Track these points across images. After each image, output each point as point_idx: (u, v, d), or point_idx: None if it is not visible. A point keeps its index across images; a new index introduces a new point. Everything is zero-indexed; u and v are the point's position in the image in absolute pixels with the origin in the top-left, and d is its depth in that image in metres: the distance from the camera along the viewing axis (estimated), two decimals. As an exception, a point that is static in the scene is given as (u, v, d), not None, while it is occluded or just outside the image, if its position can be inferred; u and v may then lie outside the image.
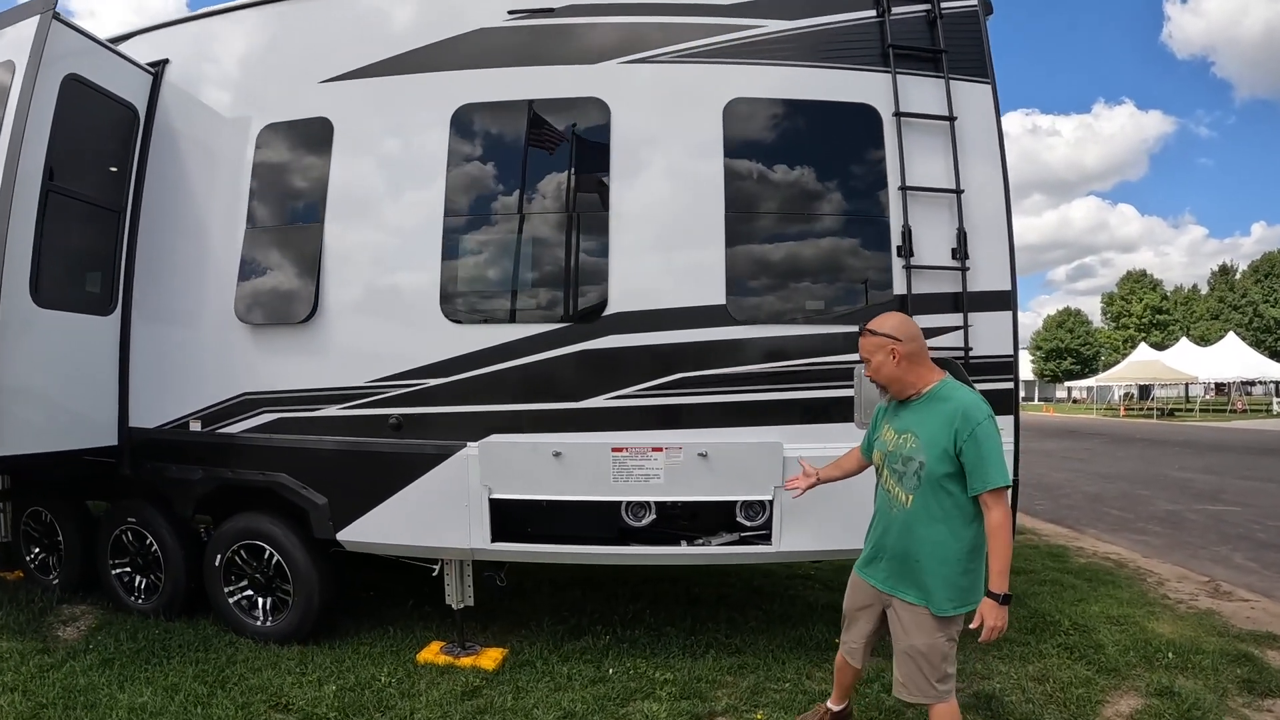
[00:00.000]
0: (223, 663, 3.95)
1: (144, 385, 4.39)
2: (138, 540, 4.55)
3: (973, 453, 2.39)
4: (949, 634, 2.52)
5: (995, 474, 2.38)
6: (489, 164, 3.93)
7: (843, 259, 3.79)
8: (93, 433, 4.33)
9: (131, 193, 4.47)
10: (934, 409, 2.52)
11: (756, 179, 3.78)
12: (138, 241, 4.44)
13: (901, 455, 2.56)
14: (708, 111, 3.77)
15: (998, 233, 3.84)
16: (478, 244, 3.88)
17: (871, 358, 2.61)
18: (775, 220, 3.77)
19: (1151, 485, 11.64)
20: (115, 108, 4.37)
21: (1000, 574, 2.40)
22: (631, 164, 3.77)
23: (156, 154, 4.47)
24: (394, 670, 3.88)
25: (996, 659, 4.14)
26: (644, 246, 3.73)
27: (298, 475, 4.02)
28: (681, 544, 3.75)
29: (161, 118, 4.52)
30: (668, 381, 3.62)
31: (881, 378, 2.62)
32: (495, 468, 3.68)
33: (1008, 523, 2.40)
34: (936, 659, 2.51)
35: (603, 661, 3.96)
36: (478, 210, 3.89)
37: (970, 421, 2.41)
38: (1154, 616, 4.91)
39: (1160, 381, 37.87)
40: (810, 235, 3.79)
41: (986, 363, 3.75)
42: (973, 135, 3.85)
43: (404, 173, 4.03)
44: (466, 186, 3.90)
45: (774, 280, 3.75)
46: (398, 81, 4.07)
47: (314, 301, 3.99)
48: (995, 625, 2.38)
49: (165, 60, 4.55)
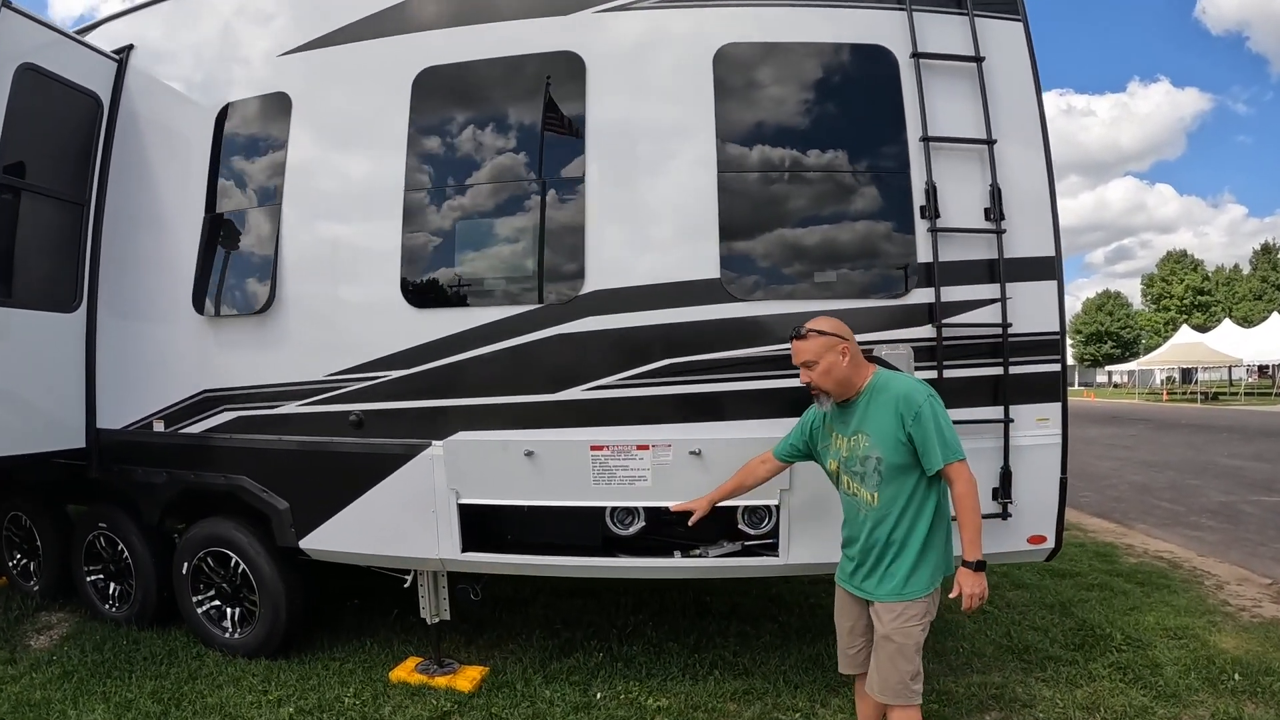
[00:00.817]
0: (184, 678, 3.58)
1: (110, 384, 4.01)
2: (110, 546, 4.20)
3: (920, 433, 2.35)
4: (924, 620, 2.42)
5: (946, 449, 2.34)
6: (453, 132, 3.40)
7: (857, 223, 3.16)
8: (60, 435, 3.97)
9: (96, 184, 4.10)
10: (876, 402, 2.45)
11: (754, 136, 3.18)
12: (103, 234, 4.05)
13: (858, 457, 2.47)
14: (696, 61, 3.18)
15: (1037, 190, 3.18)
16: (441, 220, 3.36)
17: (821, 359, 2.47)
18: (776, 182, 3.16)
19: (1202, 474, 10.63)
20: (77, 97, 4.00)
21: (972, 542, 2.36)
22: (610, 124, 3.20)
23: (121, 143, 4.08)
24: (361, 690, 3.43)
25: (1040, 682, 3.50)
26: (626, 215, 3.16)
27: (259, 478, 3.58)
28: (675, 554, 3.19)
29: (126, 105, 4.12)
30: (654, 369, 3.06)
31: (832, 380, 2.48)
32: (462, 469, 3.18)
33: (971, 491, 2.35)
34: (911, 650, 2.39)
35: (591, 684, 3.44)
36: (441, 183, 3.37)
37: (912, 404, 2.37)
38: (1215, 628, 4.21)
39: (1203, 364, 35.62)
40: (818, 197, 3.17)
41: (1029, 341, 3.10)
42: (1004, 78, 3.19)
43: (363, 146, 3.54)
44: (429, 158, 3.39)
45: (777, 250, 3.14)
46: (357, 49, 3.57)
47: (271, 290, 3.54)
48: (973, 593, 2.36)
49: (130, 46, 4.15)
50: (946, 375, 3.03)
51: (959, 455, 2.35)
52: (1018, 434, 3.09)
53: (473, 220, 3.34)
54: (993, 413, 3.09)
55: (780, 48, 3.20)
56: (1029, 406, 3.13)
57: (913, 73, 3.14)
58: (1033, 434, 3.13)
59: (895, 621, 2.39)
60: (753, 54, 3.19)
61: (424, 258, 3.34)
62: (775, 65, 3.20)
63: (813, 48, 3.19)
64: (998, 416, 3.08)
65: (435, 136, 3.41)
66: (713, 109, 3.13)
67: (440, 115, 3.41)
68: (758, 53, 3.20)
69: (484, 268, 3.34)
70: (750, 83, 3.19)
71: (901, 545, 2.41)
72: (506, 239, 3.33)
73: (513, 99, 3.35)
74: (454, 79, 3.40)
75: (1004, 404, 3.08)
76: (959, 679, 3.52)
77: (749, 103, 3.18)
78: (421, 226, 3.35)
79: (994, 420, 3.07)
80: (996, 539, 3.12)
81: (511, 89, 3.35)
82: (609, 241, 3.13)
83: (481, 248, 3.34)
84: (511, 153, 3.33)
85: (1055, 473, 3.14)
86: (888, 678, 2.39)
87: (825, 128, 3.19)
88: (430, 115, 3.40)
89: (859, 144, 3.19)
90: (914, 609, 2.39)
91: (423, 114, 3.39)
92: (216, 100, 3.86)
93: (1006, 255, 3.09)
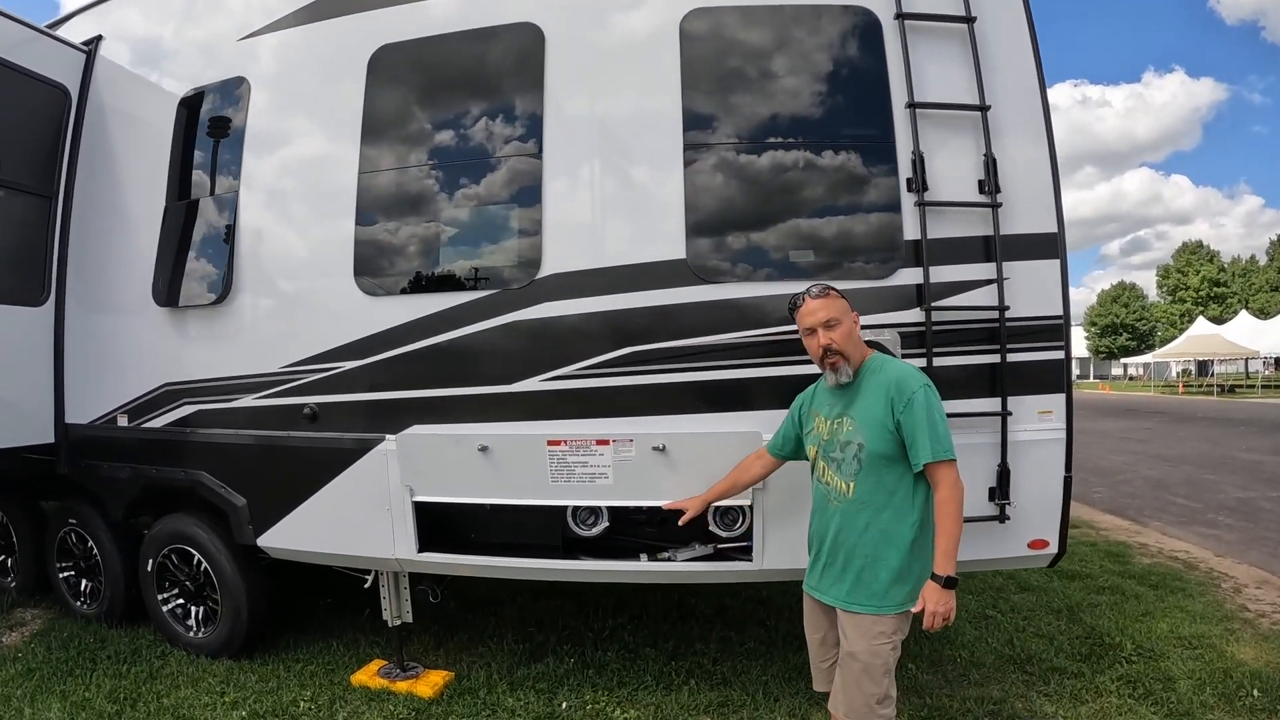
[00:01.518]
0: (144, 678, 3.37)
1: (78, 378, 3.81)
2: (81, 543, 4.01)
3: (910, 423, 2.07)
4: (894, 638, 2.12)
5: (937, 445, 2.06)
6: (408, 112, 3.11)
7: (837, 197, 2.81)
8: (28, 430, 3.78)
9: (64, 176, 3.91)
10: (867, 385, 2.17)
11: (724, 105, 2.84)
12: (71, 227, 3.86)
13: (838, 442, 2.18)
14: (661, 27, 2.86)
15: (1037, 161, 2.81)
16: (395, 203, 3.07)
17: (842, 320, 2.18)
18: (748, 152, 2.81)
19: (1219, 469, 10.04)
20: (44, 89, 3.81)
21: (945, 554, 2.06)
22: (569, 94, 2.90)
23: (89, 135, 3.88)
24: (319, 694, 3.18)
25: (1043, 696, 3.14)
26: (584, 192, 2.86)
27: (218, 473, 3.35)
28: (641, 557, 2.89)
29: (94, 97, 3.92)
30: (614, 357, 2.75)
31: (851, 344, 2.20)
32: (416, 465, 2.90)
33: (955, 497, 2.06)
34: (878, 671, 2.09)
35: (558, 692, 3.16)
36: (396, 164, 3.08)
37: (905, 390, 2.09)
38: (1233, 636, 3.81)
39: (1219, 357, 34.29)
40: (794, 171, 2.82)
41: (1029, 326, 2.74)
42: (998, 40, 2.82)
43: (319, 129, 3.29)
44: (384, 139, 3.10)
45: (748, 226, 2.81)
46: (313, 30, 3.31)
47: (228, 280, 3.29)
48: (937, 611, 2.04)
49: (99, 37, 3.95)
50: (937, 363, 2.68)
51: (949, 455, 2.07)
52: (1017, 428, 2.73)
53: (428, 203, 3.05)
54: (989, 405, 2.73)
55: (753, 11, 2.86)
56: (1029, 398, 2.76)
57: (897, 35, 2.79)
58: (1034, 428, 2.76)
59: (863, 639, 2.11)
60: (723, 18, 2.86)
61: (378, 243, 3.06)
62: (747, 29, 2.86)
63: (788, 10, 2.84)
64: (994, 409, 2.72)
65: (390, 118, 3.12)
66: (679, 77, 2.81)
67: (396, 96, 3.12)
68: (729, 17, 2.86)
69: (438, 253, 3.05)
70: (721, 49, 2.86)
71: (875, 549, 2.12)
72: (461, 222, 3.04)
73: (468, 76, 3.06)
74: (410, 57, 3.11)
75: (1001, 395, 2.72)
76: (955, 691, 3.18)
77: (719, 70, 2.84)
78: (376, 210, 3.07)
79: (990, 413, 2.72)
80: (994, 544, 2.78)
81: (467, 65, 3.06)
82: (567, 223, 2.83)
83: (436, 231, 3.05)
84: (466, 132, 3.03)
85: (1059, 470, 2.77)
86: (852, 699, 2.12)
87: (802, 95, 2.85)
88: (386, 96, 3.12)
89: (839, 112, 2.85)
90: (884, 625, 2.11)
91: (378, 95, 3.11)
92: (179, 87, 3.64)
93: (1003, 232, 2.73)
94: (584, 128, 2.88)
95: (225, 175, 3.45)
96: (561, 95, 2.90)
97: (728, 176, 2.79)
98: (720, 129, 2.82)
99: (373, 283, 3.02)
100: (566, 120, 2.89)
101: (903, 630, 2.14)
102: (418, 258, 3.04)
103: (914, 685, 3.23)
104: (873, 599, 2.11)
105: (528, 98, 2.94)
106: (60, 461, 3.85)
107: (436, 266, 3.03)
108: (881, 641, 2.09)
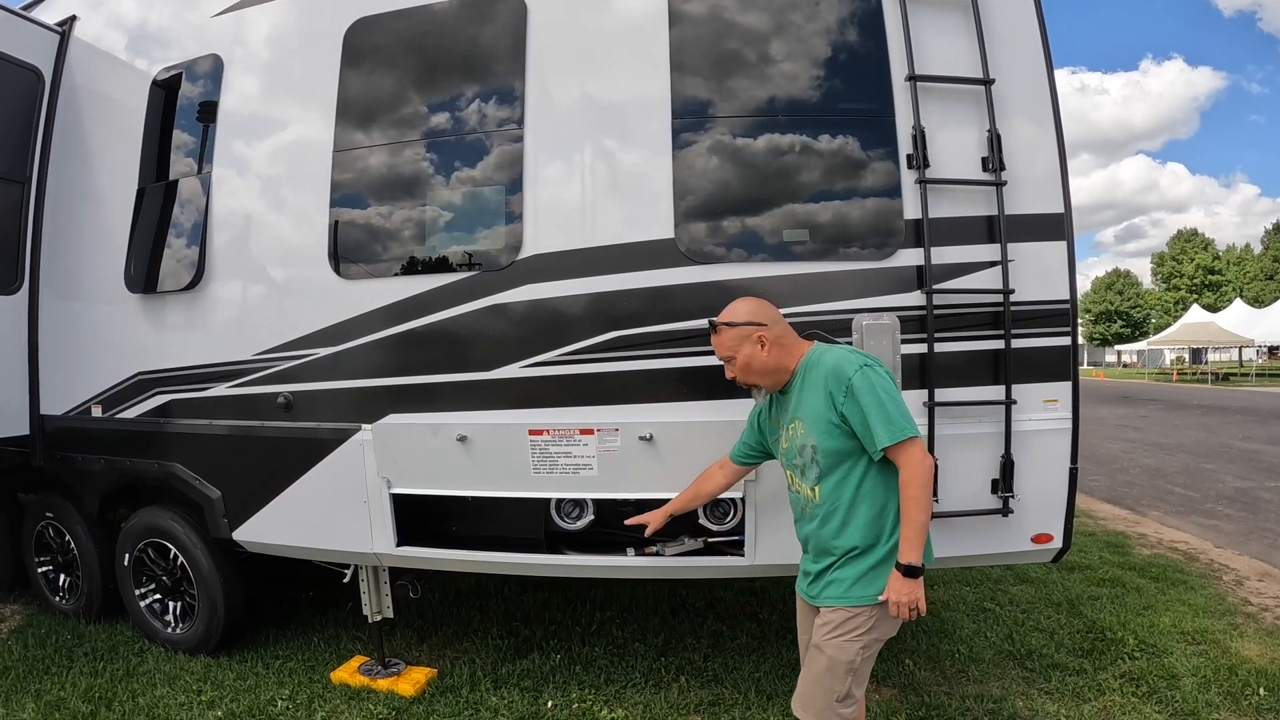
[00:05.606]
0: (121, 675, 3.22)
1: (52, 368, 3.64)
2: (58, 537, 3.85)
3: (855, 411, 1.90)
4: (865, 637, 1.95)
5: (890, 426, 1.86)
6: (384, 88, 2.92)
7: (834, 175, 2.63)
8: (2, 421, 3.62)
9: (38, 161, 3.72)
10: (808, 381, 2.02)
11: (715, 77, 2.66)
12: (44, 213, 3.68)
13: (795, 447, 2.05)
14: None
15: (1043, 138, 2.63)
16: (371, 183, 2.89)
17: (737, 354, 2.07)
18: (740, 127, 2.63)
19: (1216, 458, 9.88)
20: (16, 71, 3.62)
21: (907, 540, 1.89)
22: (552, 65, 2.71)
23: (64, 118, 3.69)
24: (297, 692, 3.04)
25: (1044, 694, 2.99)
26: (567, 169, 2.68)
27: (191, 465, 3.19)
28: (629, 552, 2.73)
29: (68, 79, 3.73)
30: (599, 342, 2.58)
31: (754, 374, 2.08)
32: (392, 456, 2.74)
33: (916, 478, 1.87)
34: (841, 670, 1.94)
35: (544, 690, 3.01)
36: (372, 143, 2.90)
37: (841, 378, 1.92)
38: (1236, 631, 3.67)
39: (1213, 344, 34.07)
40: (789, 146, 2.64)
41: (1034, 311, 2.57)
42: (1003, 10, 2.64)
43: (294, 107, 3.10)
44: (359, 116, 2.92)
45: (740, 205, 2.63)
46: (289, 4, 3.13)
47: (200, 264, 3.12)
48: (901, 601, 1.89)
49: (73, 17, 3.75)
50: (939, 349, 2.51)
51: (908, 432, 1.86)
52: (1021, 417, 2.56)
53: (405, 183, 2.87)
54: (992, 393, 2.56)
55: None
56: (1034, 386, 2.59)
57: (897, 4, 2.60)
58: (1039, 417, 2.60)
59: (828, 631, 1.96)
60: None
61: (353, 224, 2.88)
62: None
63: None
64: (998, 397, 2.55)
65: (367, 95, 2.93)
66: (667, 47, 2.62)
67: (372, 72, 2.94)
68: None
69: (415, 233, 2.87)
70: (709, 17, 2.67)
71: (848, 545, 1.97)
72: (440, 203, 2.86)
73: (448, 51, 2.87)
74: (386, 30, 2.92)
75: (1005, 383, 2.55)
76: (953, 689, 3.03)
77: (709, 40, 2.65)
78: (351, 190, 2.89)
79: (994, 402, 2.55)
80: (997, 538, 2.62)
81: (446, 40, 2.87)
82: (550, 201, 2.65)
83: (413, 212, 2.87)
84: (446, 110, 2.84)
85: (1064, 462, 2.61)
86: (812, 695, 1.98)
87: (796, 67, 2.66)
88: (362, 72, 2.93)
89: (835, 85, 2.66)
90: (855, 620, 1.94)
91: (353, 71, 2.93)
92: (152, 67, 3.45)
93: (1008, 211, 2.55)
94: (568, 104, 2.70)
95: (198, 156, 3.27)
96: (545, 70, 2.71)
97: (719, 152, 2.61)
98: (710, 101, 2.64)
99: (347, 266, 2.84)
100: (549, 96, 2.71)
101: (879, 630, 1.97)
102: (393, 239, 2.87)
103: (911, 682, 3.08)
104: (839, 588, 1.97)
105: (510, 73, 2.76)
106: (35, 454, 3.69)
107: (413, 248, 2.85)
108: (850, 637, 1.94)
